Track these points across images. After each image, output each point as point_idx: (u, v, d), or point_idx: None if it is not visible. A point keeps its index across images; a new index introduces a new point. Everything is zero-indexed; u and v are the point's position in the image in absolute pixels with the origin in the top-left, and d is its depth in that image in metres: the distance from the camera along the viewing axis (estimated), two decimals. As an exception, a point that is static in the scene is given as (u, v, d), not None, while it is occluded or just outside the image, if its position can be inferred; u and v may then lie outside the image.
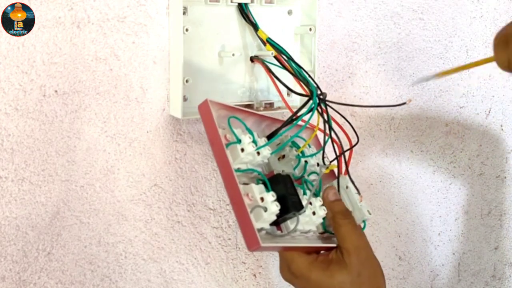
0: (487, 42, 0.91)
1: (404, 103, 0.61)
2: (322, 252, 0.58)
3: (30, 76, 0.54)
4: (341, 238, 0.55)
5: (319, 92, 0.58)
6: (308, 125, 0.57)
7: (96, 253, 0.61)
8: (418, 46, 0.83)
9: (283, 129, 0.58)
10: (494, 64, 0.51)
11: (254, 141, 0.54)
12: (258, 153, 0.54)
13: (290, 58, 0.62)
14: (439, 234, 0.94)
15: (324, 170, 0.61)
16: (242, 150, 0.53)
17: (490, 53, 0.95)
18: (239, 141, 0.53)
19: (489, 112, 0.94)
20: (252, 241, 0.49)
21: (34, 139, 0.56)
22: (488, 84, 0.93)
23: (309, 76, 0.61)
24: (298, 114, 0.57)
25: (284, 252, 0.56)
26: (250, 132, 0.55)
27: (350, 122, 0.64)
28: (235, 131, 0.54)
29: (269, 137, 0.58)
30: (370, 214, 0.61)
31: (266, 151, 0.54)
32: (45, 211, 0.57)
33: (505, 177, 1.00)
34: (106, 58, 0.58)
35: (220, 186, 0.69)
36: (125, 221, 0.63)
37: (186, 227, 0.67)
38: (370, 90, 0.80)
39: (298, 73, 0.61)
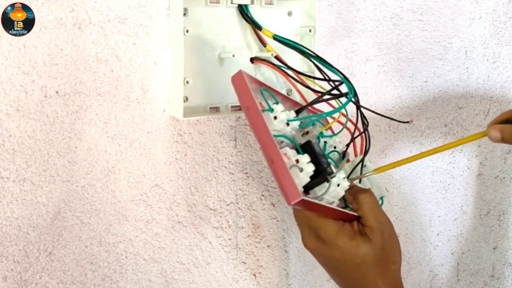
0: (486, 43, 0.91)
1: (407, 122, 0.70)
2: (346, 222, 0.58)
3: (31, 77, 0.55)
4: (364, 216, 0.57)
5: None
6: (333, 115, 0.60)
7: (97, 253, 0.62)
8: (417, 47, 0.84)
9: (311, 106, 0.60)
10: (493, 65, 0.52)
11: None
12: (288, 124, 0.55)
13: (304, 50, 0.63)
14: (438, 234, 0.94)
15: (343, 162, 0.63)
16: (275, 118, 0.55)
17: (488, 54, 0.96)
18: (272, 109, 0.55)
19: (488, 112, 0.95)
20: (293, 194, 0.50)
21: (35, 139, 0.56)
22: (486, 85, 0.93)
23: (333, 67, 0.61)
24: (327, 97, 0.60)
25: (313, 220, 0.57)
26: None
27: (352, 118, 0.65)
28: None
29: (297, 112, 0.60)
30: (387, 191, 0.62)
31: (296, 123, 0.56)
32: (46, 212, 0.58)
33: (504, 178, 1.01)
34: (107, 59, 0.58)
35: (221, 186, 0.69)
36: (126, 221, 0.63)
37: (186, 227, 0.67)
38: (369, 91, 0.80)
39: (319, 62, 0.63)
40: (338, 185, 0.57)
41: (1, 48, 0.53)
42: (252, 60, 0.66)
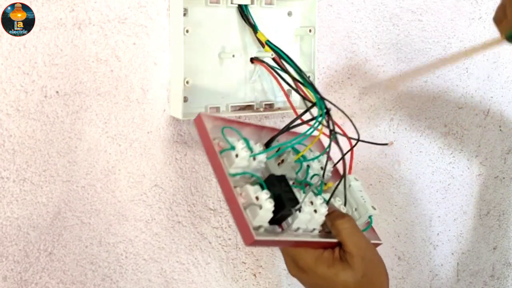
0: (486, 43, 0.91)
1: (386, 144, 0.72)
2: (327, 249, 0.57)
3: (31, 77, 0.55)
4: (343, 242, 0.55)
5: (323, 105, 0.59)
6: (310, 134, 0.58)
7: (97, 253, 0.62)
8: (417, 47, 0.84)
9: (280, 136, 0.59)
10: (493, 65, 0.52)
11: (249, 148, 0.55)
12: (254, 158, 0.55)
13: (290, 63, 0.62)
14: (438, 234, 0.94)
15: (324, 185, 0.61)
16: (237, 155, 0.54)
17: (488, 54, 0.96)
18: (233, 147, 0.54)
19: (488, 112, 0.95)
20: (247, 236, 0.50)
21: (36, 139, 0.56)
22: (486, 85, 0.93)
23: (311, 84, 0.61)
24: (299, 120, 0.59)
25: (290, 249, 0.56)
26: (245, 140, 0.56)
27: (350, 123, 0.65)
28: (231, 139, 0.55)
29: (267, 144, 0.59)
30: (374, 209, 0.61)
31: (262, 156, 0.55)
32: (46, 212, 0.58)
33: (504, 178, 1.01)
34: (107, 59, 0.59)
35: (220, 186, 0.69)
36: (126, 221, 0.63)
37: (186, 227, 0.67)
38: (369, 91, 0.80)
39: (300, 78, 0.62)
40: (316, 211, 0.56)
41: (1, 48, 0.53)
42: (252, 60, 0.66)
